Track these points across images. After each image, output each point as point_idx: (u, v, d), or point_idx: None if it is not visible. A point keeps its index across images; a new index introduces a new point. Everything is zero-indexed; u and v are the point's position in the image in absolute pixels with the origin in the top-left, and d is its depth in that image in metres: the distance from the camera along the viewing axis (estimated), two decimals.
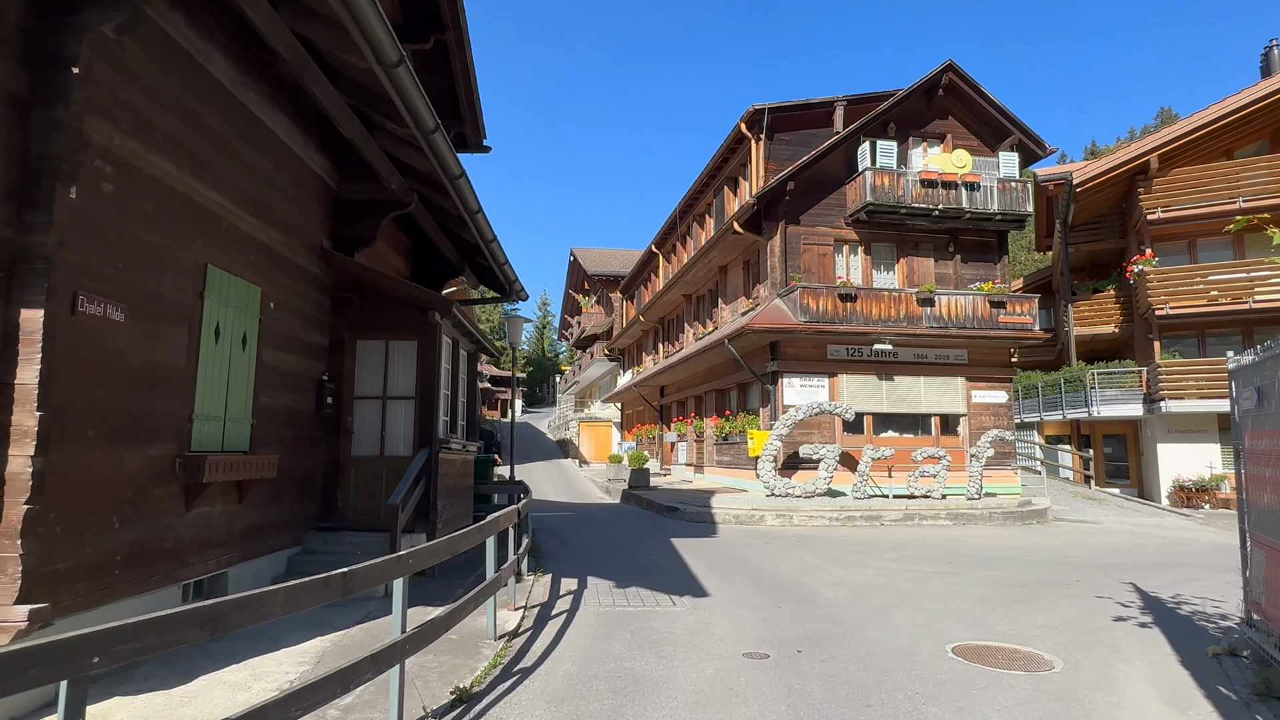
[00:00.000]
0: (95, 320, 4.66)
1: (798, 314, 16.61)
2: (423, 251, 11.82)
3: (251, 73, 6.58)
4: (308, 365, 7.99)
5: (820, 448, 16.02)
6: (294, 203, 7.61)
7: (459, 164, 7.57)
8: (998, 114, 18.69)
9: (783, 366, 17.20)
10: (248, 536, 6.68)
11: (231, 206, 6.34)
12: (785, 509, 14.67)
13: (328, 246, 8.41)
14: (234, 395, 6.39)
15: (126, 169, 4.96)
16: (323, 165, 8.32)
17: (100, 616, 4.71)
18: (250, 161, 6.68)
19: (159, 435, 5.35)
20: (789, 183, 17.28)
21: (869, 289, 17.26)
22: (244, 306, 6.54)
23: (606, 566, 9.58)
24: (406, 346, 8.75)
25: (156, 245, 5.30)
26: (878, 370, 17.65)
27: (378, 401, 8.70)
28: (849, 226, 18.23)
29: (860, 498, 15.69)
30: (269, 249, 7.05)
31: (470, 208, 8.57)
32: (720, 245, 19.86)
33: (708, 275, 23.09)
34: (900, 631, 6.32)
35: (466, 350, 10.80)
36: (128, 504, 5.02)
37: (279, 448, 7.23)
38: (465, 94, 12.22)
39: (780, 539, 12.37)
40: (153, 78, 5.24)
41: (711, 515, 14.62)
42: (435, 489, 8.48)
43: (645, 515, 16.54)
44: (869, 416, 17.63)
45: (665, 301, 27.14)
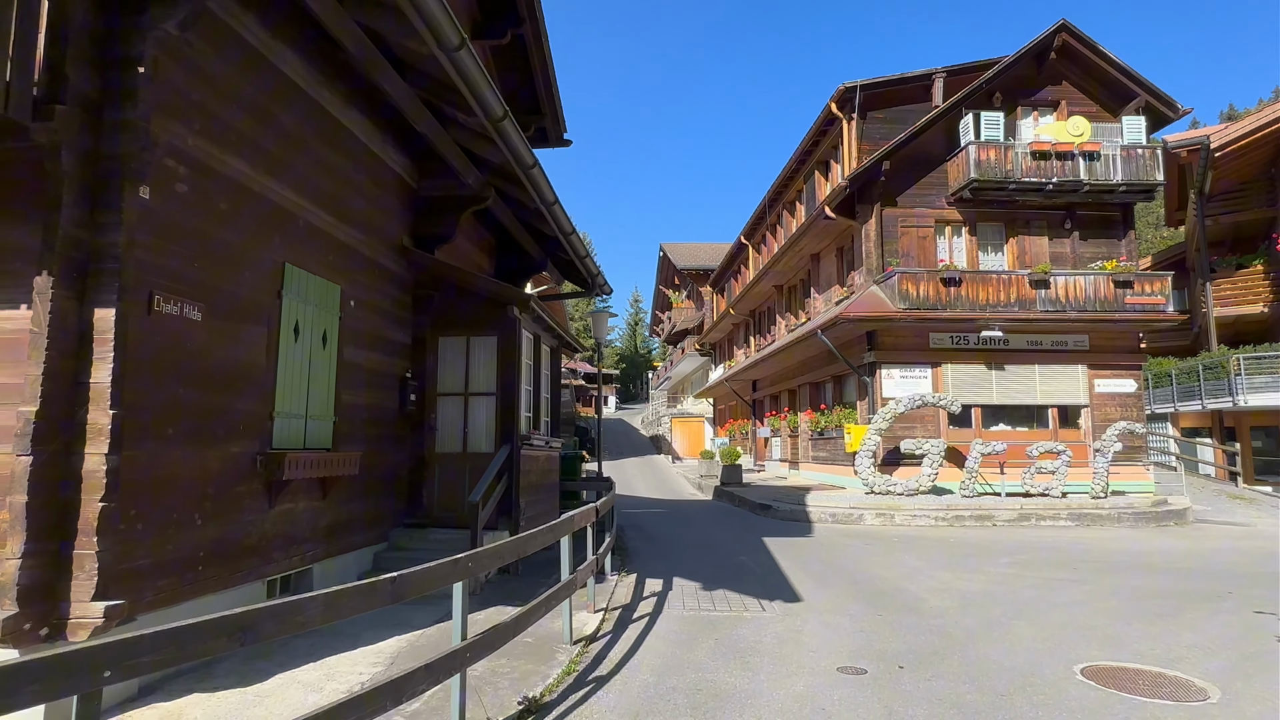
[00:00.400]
0: (173, 319, 4.71)
1: (896, 301, 15.67)
2: (505, 248, 11.82)
3: (326, 72, 6.61)
4: (390, 363, 8.03)
5: (923, 442, 15.05)
6: (373, 201, 7.65)
7: (531, 154, 7.40)
8: (1120, 75, 16.99)
9: (880, 357, 16.29)
10: (332, 533, 6.73)
11: (308, 205, 6.38)
12: (886, 507, 13.84)
13: (408, 244, 8.44)
14: (315, 393, 6.43)
15: (201, 169, 5.01)
16: (402, 163, 8.35)
17: (185, 612, 4.77)
18: (327, 160, 6.72)
19: (240, 433, 5.40)
20: (884, 162, 16.32)
21: (975, 272, 16.07)
22: (323, 305, 6.59)
23: (694, 566, 9.22)
24: (487, 342, 8.68)
25: (233, 244, 5.35)
26: (986, 359, 16.43)
27: (460, 398, 8.67)
28: (951, 206, 17.05)
29: (969, 496, 14.63)
30: (348, 247, 7.09)
31: (546, 199, 8.40)
32: (811, 232, 19.05)
33: (799, 264, 22.27)
34: (1019, 648, 5.65)
35: (549, 346, 10.68)
36: (210, 501, 5.07)
37: (362, 445, 7.27)
38: (544, 88, 12.12)
39: (880, 539, 11.63)
40: (226, 79, 5.28)
41: (806, 513, 13.99)
42: (517, 485, 8.37)
43: (737, 513, 16.07)
44: (977, 409, 16.44)
45: (755, 293, 26.45)
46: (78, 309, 4.01)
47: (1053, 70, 17.33)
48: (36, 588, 3.75)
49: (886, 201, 16.92)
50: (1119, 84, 16.99)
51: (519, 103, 12.43)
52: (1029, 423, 16.71)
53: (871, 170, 16.45)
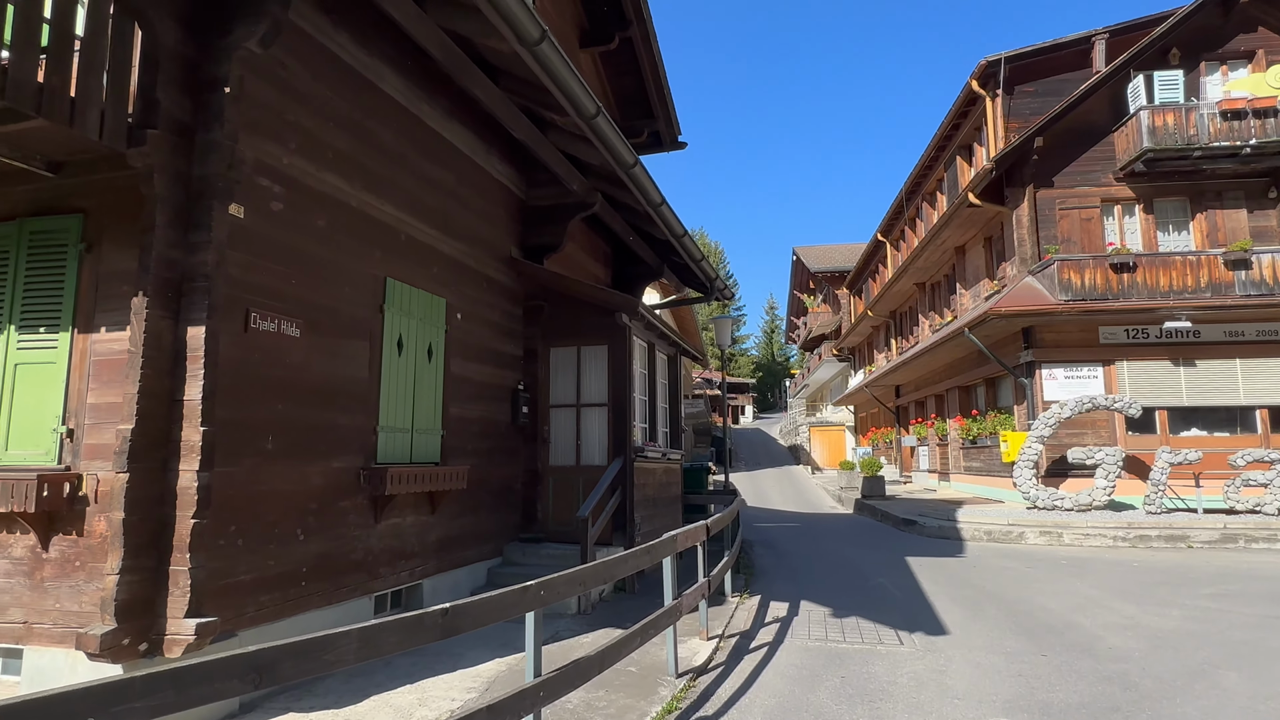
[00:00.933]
0: (270, 336, 4.75)
1: (1056, 292, 13.96)
2: (621, 256, 11.60)
3: (426, 87, 6.62)
4: (501, 375, 7.96)
5: (1095, 451, 13.24)
6: (478, 213, 7.62)
7: (632, 153, 7.07)
8: None
9: (1040, 355, 14.58)
10: (443, 548, 6.67)
11: (410, 220, 6.39)
12: (1051, 525, 12.26)
13: (517, 255, 8.37)
14: (421, 407, 6.41)
15: (297, 187, 5.06)
16: (507, 174, 8.30)
17: (287, 628, 4.78)
18: (428, 174, 6.73)
19: (343, 448, 5.41)
20: (1036, 139, 14.64)
21: (1154, 254, 14.02)
22: (428, 318, 6.57)
23: (825, 589, 8.47)
24: (597, 352, 8.44)
25: (331, 261, 5.39)
26: (1171, 354, 14.28)
27: (572, 409, 8.48)
28: (1121, 182, 15.03)
29: (1155, 512, 12.68)
30: (453, 260, 7.07)
31: (652, 200, 8.05)
32: (954, 222, 17.50)
33: (942, 259, 20.59)
34: (1231, 706, 4.54)
35: (666, 354, 10.31)
36: (312, 516, 5.08)
37: (472, 458, 7.21)
38: (655, 90, 11.85)
39: (1045, 562, 10.24)
40: (322, 98, 5.34)
41: (957, 530, 12.68)
42: (631, 499, 8.03)
43: (878, 528, 14.91)
44: (1162, 412, 14.30)
45: (895, 293, 24.81)
46: (173, 328, 4.07)
47: (1244, 15, 14.89)
48: (135, 603, 3.80)
49: (1041, 183, 15.19)
50: None
51: (631, 107, 12.24)
52: (1229, 427, 14.32)
53: (1021, 149, 14.82)
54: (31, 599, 4.13)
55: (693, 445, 50.67)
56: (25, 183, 4.51)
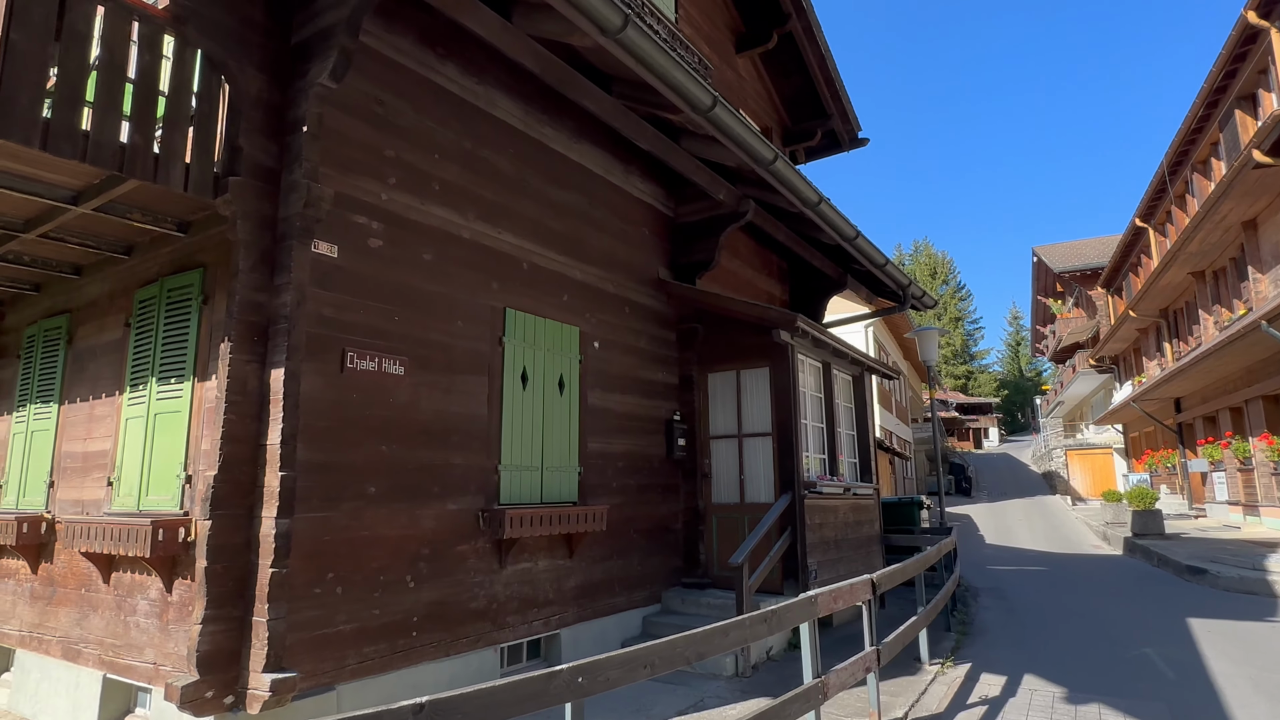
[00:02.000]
0: (371, 375, 4.62)
1: None
2: (800, 272, 10.60)
3: (546, 109, 6.37)
4: (651, 405, 7.40)
5: None
6: (616, 234, 7.21)
7: (769, 148, 6.28)
8: None
9: None
10: (584, 594, 6.19)
11: (533, 247, 6.11)
12: None
13: (665, 276, 7.83)
14: (553, 442, 6.03)
15: (399, 222, 4.96)
16: (651, 193, 7.83)
17: (395, 681, 4.54)
18: (554, 198, 6.44)
19: (459, 489, 5.15)
20: None
21: None
22: (558, 349, 6.22)
23: (1062, 658, 6.70)
24: (758, 375, 7.58)
25: (441, 295, 5.21)
26: None
27: (734, 440, 7.67)
28: None
29: None
30: (586, 286, 6.69)
31: (806, 199, 7.12)
32: (1236, 190, 13.94)
33: (1225, 238, 16.58)
34: None
35: (848, 374, 9.11)
36: (424, 562, 4.84)
37: (618, 496, 6.70)
38: (825, 85, 10.85)
39: None
40: (425, 130, 5.25)
41: (1268, 584, 9.70)
42: (803, 541, 6.99)
43: (1153, 575, 12.00)
44: None
45: (1164, 286, 20.53)
46: (258, 372, 4.04)
47: None
48: (218, 654, 3.72)
49: None
50: None
51: (801, 109, 11.31)
52: None
53: None
54: (160, 640, 4.26)
55: (926, 474, 46.44)
56: (166, 245, 4.85)
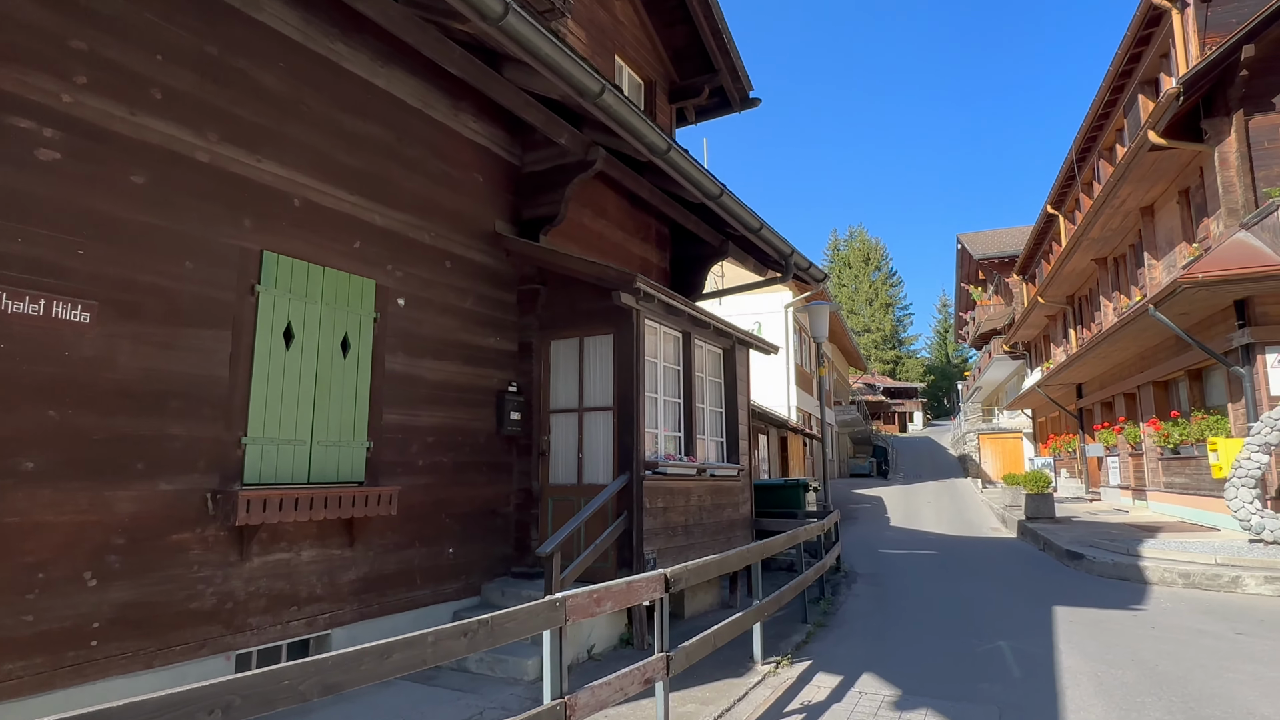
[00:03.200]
0: (32, 322, 3.65)
1: None
2: (682, 239, 9.87)
3: (340, 24, 5.40)
4: (479, 374, 6.57)
5: None
6: (439, 179, 6.31)
7: (595, 78, 5.44)
8: None
9: (1261, 336, 10.89)
10: (369, 588, 5.35)
11: (312, 182, 5.17)
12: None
13: (506, 230, 6.97)
14: (330, 412, 5.15)
15: (91, 133, 3.96)
16: (491, 136, 6.94)
17: (62, 700, 3.63)
18: (348, 129, 5.49)
19: (179, 465, 4.23)
20: (1243, 48, 11.00)
21: None
22: (343, 303, 5.31)
23: (913, 653, 6.22)
24: (602, 343, 6.82)
25: (160, 229, 4.24)
26: None
27: (574, 415, 6.91)
28: None
29: None
30: (392, 234, 5.79)
31: (653, 145, 6.36)
32: (1134, 175, 13.87)
33: (1124, 224, 16.65)
34: None
35: (717, 347, 8.45)
36: (116, 554, 3.93)
37: (426, 475, 5.87)
38: (712, 37, 10.08)
39: (1268, 626, 7.14)
40: (142, 24, 4.24)
41: (1139, 569, 9.55)
42: (639, 526, 6.30)
43: (1038, 560, 11.86)
44: None
45: (1069, 273, 20.72)
46: None
47: None
48: None
49: (1255, 106, 11.46)
50: None
51: (689, 63, 10.54)
52: None
53: (1223, 63, 11.22)
54: None
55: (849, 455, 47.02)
56: None
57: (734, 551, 5.33)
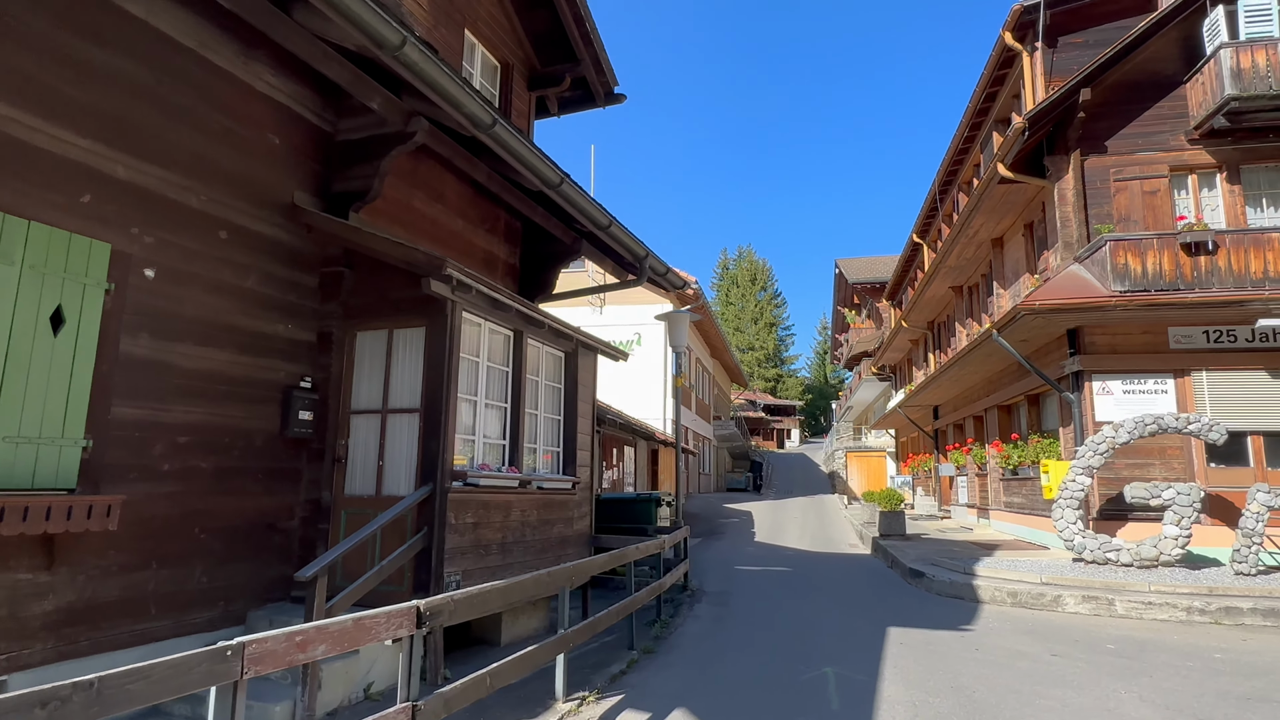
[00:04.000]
0: None
1: (1109, 281, 10.89)
2: (534, 236, 9.23)
3: None
4: (260, 365, 5.64)
5: (1162, 488, 10.06)
6: (218, 135, 5.37)
7: (395, 28, 4.71)
8: None
9: (1090, 364, 11.47)
10: (76, 620, 4.34)
11: (20, 115, 4.16)
12: (1101, 587, 9.18)
13: (307, 203, 6.09)
14: (28, 401, 4.12)
15: None
16: (294, 94, 6.05)
17: None
18: (82, 57, 4.50)
19: None
20: (1082, 90, 11.66)
21: (1240, 231, 10.83)
22: (58, 268, 4.31)
23: (735, 682, 5.79)
24: (414, 336, 6.06)
25: None
26: (1268, 363, 11.00)
27: (378, 416, 6.10)
28: (1196, 144, 11.88)
29: (1247, 573, 9.43)
30: (143, 192, 4.81)
31: (476, 118, 5.69)
32: (985, 205, 14.52)
33: (978, 255, 17.50)
34: None
35: (557, 350, 7.85)
36: None
37: (173, 483, 4.89)
38: (575, 24, 9.54)
39: (1083, 645, 7.25)
40: None
41: (973, 588, 9.68)
42: (441, 544, 5.56)
43: (884, 577, 11.94)
44: (1256, 438, 10.99)
45: (929, 299, 21.67)
46: None
47: None
48: None
49: (1090, 149, 12.16)
50: None
51: (551, 50, 9.95)
52: None
53: (1064, 104, 11.85)
54: None
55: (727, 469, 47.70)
56: None
57: (529, 576, 4.71)
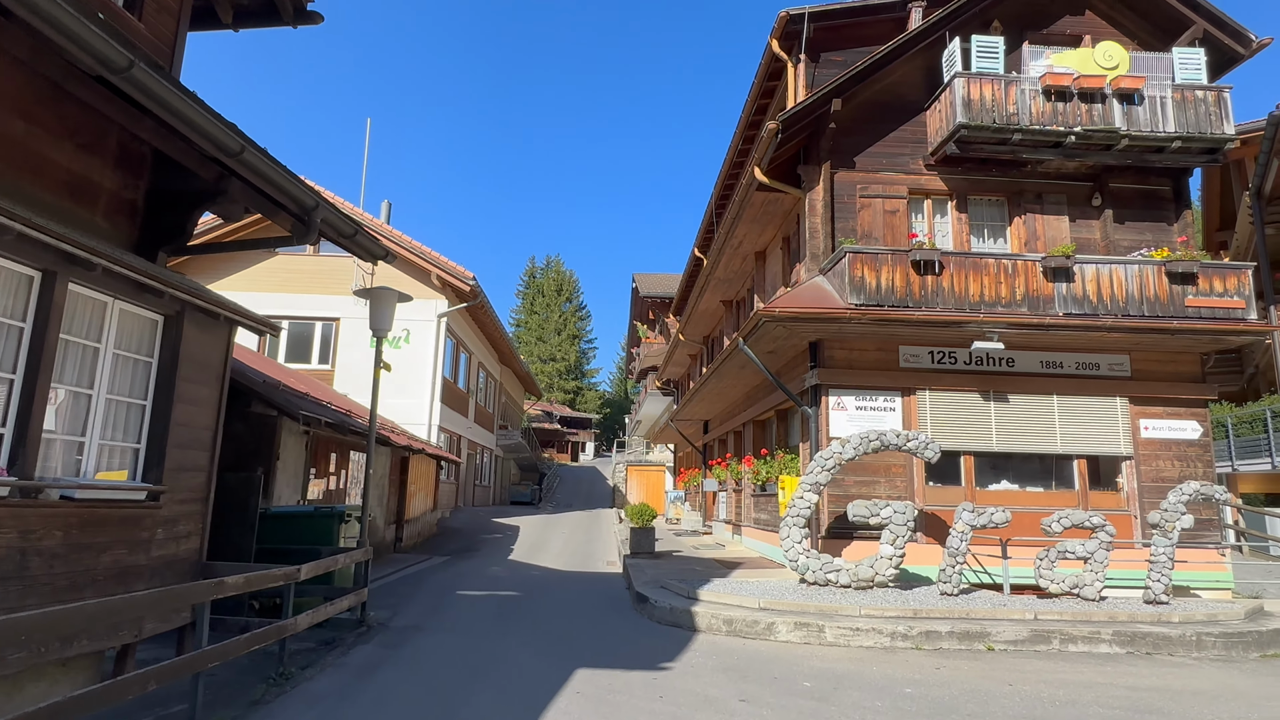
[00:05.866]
0: None
1: (848, 294, 10.70)
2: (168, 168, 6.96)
3: None
4: None
5: (880, 506, 9.87)
6: None
7: None
8: None
9: (828, 378, 11.24)
10: None
11: None
12: (815, 612, 8.63)
13: None
14: None
15: None
16: None
17: None
18: None
19: None
20: (834, 100, 11.53)
21: (964, 254, 11.12)
22: None
23: None
24: None
25: None
26: (982, 385, 11.37)
27: None
28: (932, 171, 12.22)
29: (951, 593, 9.39)
30: None
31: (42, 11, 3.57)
32: (748, 215, 14.23)
33: (744, 268, 17.41)
34: None
35: (153, 312, 5.75)
36: None
37: None
38: None
39: (781, 683, 6.42)
40: None
41: (691, 616, 8.76)
42: None
43: (614, 602, 10.82)
44: (968, 458, 11.30)
45: (703, 313, 21.55)
46: None
47: None
48: None
49: (840, 162, 12.12)
50: (1167, 9, 12.26)
51: None
52: (1044, 480, 11.54)
53: (816, 111, 11.66)
54: None
55: (513, 481, 45.77)
56: None
57: None
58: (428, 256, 24.86)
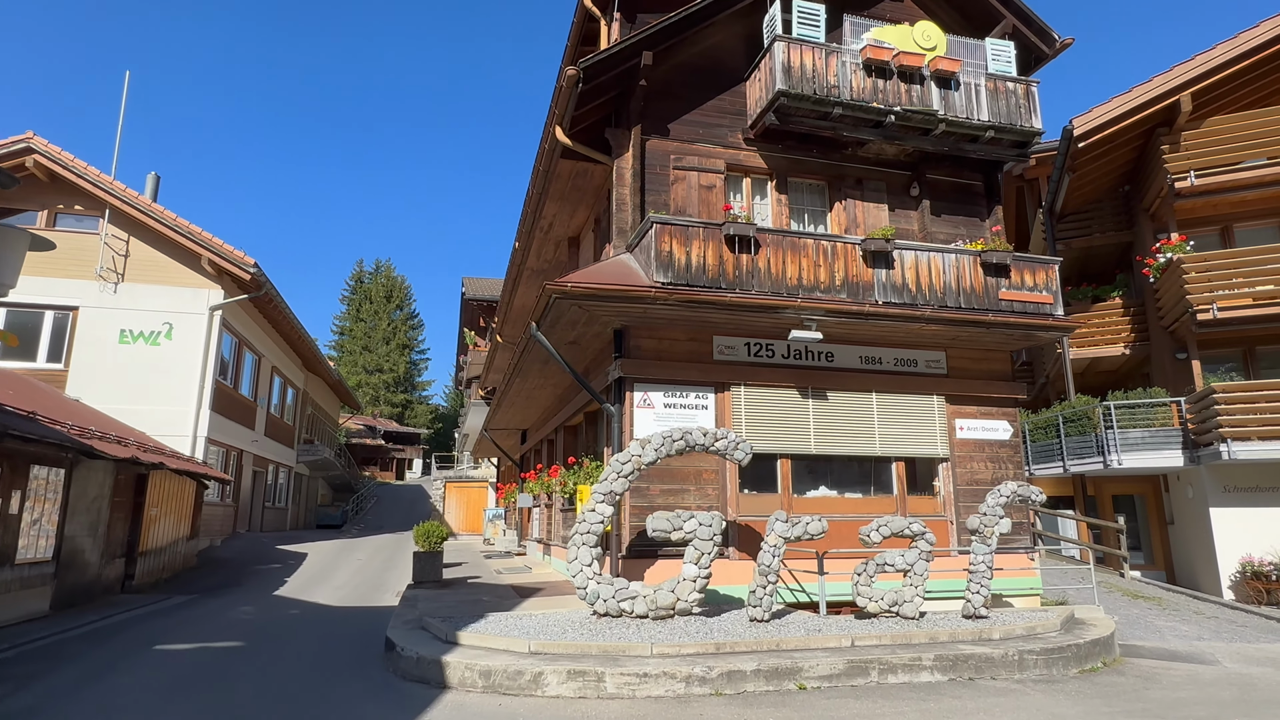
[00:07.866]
0: None
1: (654, 271, 9.20)
2: None
3: None
4: None
5: (685, 518, 8.36)
6: None
7: None
8: None
9: (633, 370, 9.68)
10: None
11: None
12: (598, 655, 6.88)
13: None
14: None
15: None
16: None
17: None
18: None
19: None
20: (643, 54, 10.08)
21: (783, 232, 10.01)
22: None
23: None
24: None
25: None
26: (800, 381, 10.30)
27: None
28: (752, 146, 11.12)
29: (763, 618, 8.02)
30: None
31: None
32: (554, 191, 12.51)
33: (557, 257, 15.68)
34: None
35: None
36: None
37: None
38: None
39: None
40: None
41: (442, 667, 6.69)
42: None
43: (358, 654, 8.49)
44: (785, 461, 10.16)
45: (520, 309, 19.55)
46: None
47: None
48: None
49: (652, 128, 10.69)
50: (980, 1, 12.02)
51: None
52: (864, 485, 10.65)
53: (626, 62, 10.13)
54: None
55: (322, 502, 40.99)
56: None
57: None
58: (198, 238, 20.96)
